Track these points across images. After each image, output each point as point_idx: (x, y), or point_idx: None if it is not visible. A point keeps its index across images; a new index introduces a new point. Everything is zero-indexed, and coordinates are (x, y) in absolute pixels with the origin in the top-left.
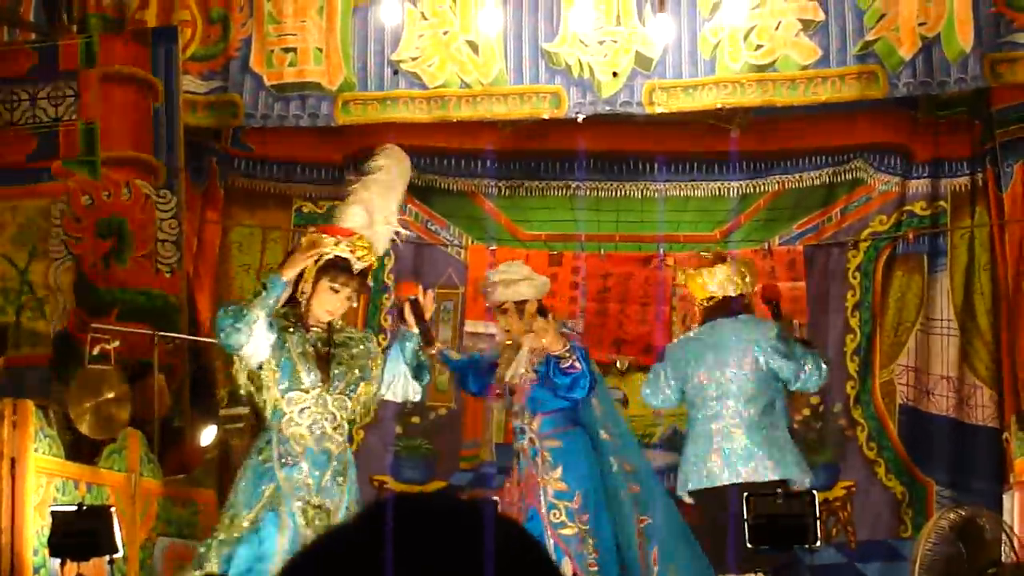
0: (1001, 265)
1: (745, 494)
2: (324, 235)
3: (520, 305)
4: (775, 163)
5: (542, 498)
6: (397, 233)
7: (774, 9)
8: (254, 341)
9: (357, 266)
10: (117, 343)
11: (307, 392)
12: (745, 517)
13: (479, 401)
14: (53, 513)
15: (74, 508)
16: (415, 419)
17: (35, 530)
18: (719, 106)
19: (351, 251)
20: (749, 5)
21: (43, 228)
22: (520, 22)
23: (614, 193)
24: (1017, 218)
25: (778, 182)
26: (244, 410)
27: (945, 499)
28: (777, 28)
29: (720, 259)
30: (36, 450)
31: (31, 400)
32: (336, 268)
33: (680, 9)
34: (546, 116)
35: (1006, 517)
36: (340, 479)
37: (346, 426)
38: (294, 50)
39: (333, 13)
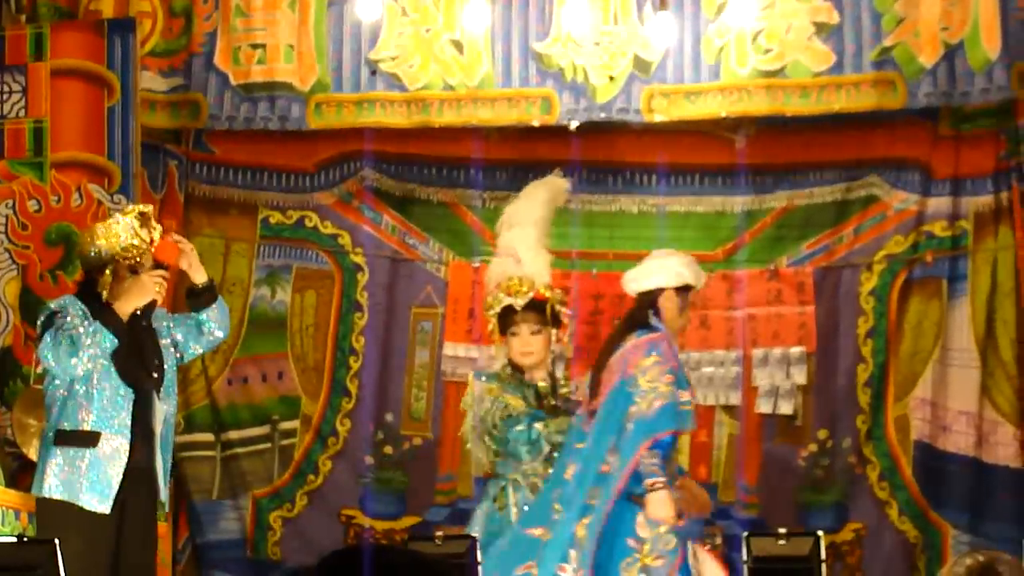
0: None
1: (745, 534)
2: None
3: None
4: (783, 177)
5: None
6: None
7: (785, 10)
8: None
9: (520, 303)
10: None
11: None
12: (744, 559)
13: (456, 431)
14: None
15: (14, 539)
16: (388, 449)
17: None
18: (724, 114)
19: (508, 294)
20: (758, 5)
21: None
22: (509, 20)
23: (608, 207)
24: None
25: (787, 198)
26: (206, 436)
27: (962, 544)
28: (788, 31)
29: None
30: None
31: None
32: (507, 316)
33: (683, 8)
34: (536, 123)
35: None
36: None
37: None
38: (263, 47)
39: (306, 7)
